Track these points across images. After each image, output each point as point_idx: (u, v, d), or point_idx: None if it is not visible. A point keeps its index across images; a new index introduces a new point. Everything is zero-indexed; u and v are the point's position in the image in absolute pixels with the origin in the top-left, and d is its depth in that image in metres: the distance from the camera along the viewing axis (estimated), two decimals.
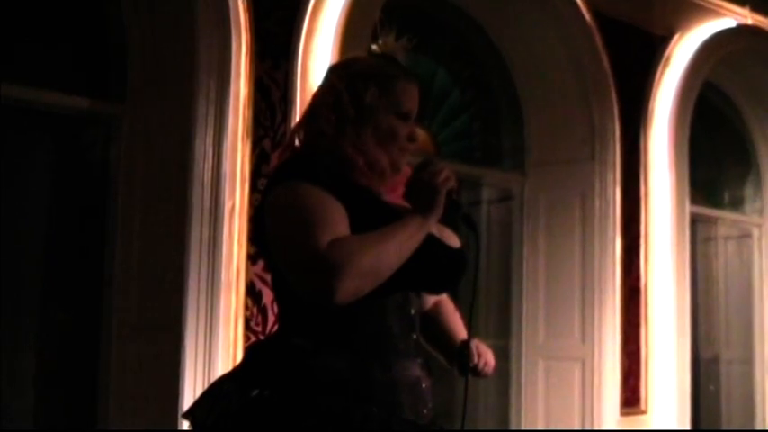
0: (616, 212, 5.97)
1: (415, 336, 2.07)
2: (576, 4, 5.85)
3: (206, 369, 4.22)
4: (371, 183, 2.06)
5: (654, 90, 6.25)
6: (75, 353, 4.31)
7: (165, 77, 4.36)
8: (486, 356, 2.23)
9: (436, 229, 2.09)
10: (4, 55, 4.05)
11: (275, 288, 2.13)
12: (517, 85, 6.15)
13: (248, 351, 2.24)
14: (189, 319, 4.20)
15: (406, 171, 2.12)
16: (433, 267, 2.06)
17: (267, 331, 4.42)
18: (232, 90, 4.31)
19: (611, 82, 6.00)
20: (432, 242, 2.04)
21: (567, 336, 5.97)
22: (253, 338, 4.46)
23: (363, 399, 1.95)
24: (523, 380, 6.04)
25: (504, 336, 6.10)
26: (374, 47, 2.21)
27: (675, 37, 6.39)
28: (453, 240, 2.15)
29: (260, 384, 1.97)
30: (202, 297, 4.23)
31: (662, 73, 6.29)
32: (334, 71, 2.17)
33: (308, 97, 4.65)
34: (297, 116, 4.56)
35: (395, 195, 2.13)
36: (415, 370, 2.05)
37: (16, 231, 4.19)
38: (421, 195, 2.03)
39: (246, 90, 4.39)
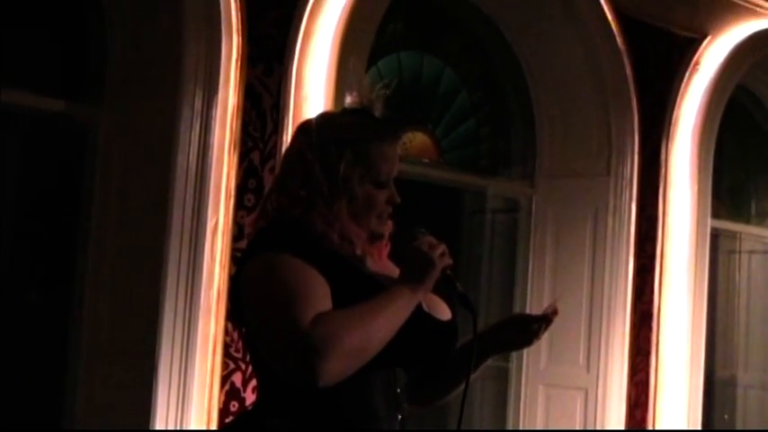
0: (630, 232, 6.03)
1: (400, 416, 2.13)
2: (597, 1, 5.88)
3: (180, 400, 4.31)
4: (349, 253, 2.11)
5: (679, 98, 6.27)
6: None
7: (147, 81, 4.40)
8: None
9: (425, 299, 2.14)
10: None
11: (254, 363, 2.19)
12: (530, 89, 6.18)
13: None
14: (164, 344, 4.28)
15: (389, 227, 2.17)
16: (420, 342, 2.12)
17: (247, 358, 4.50)
18: (220, 98, 4.36)
19: (631, 88, 6.03)
20: (420, 315, 2.10)
21: (571, 362, 6.06)
22: (232, 365, 4.55)
23: None
24: (522, 407, 6.14)
25: (503, 358, 6.19)
26: (348, 99, 2.22)
27: (706, 40, 6.41)
28: (443, 312, 2.20)
29: None
30: (179, 321, 4.31)
31: (689, 80, 6.31)
32: (304, 134, 2.16)
33: (302, 106, 4.72)
34: (290, 127, 4.62)
35: (379, 261, 2.19)
36: None
37: None
38: (414, 264, 2.08)
39: (236, 98, 4.43)
